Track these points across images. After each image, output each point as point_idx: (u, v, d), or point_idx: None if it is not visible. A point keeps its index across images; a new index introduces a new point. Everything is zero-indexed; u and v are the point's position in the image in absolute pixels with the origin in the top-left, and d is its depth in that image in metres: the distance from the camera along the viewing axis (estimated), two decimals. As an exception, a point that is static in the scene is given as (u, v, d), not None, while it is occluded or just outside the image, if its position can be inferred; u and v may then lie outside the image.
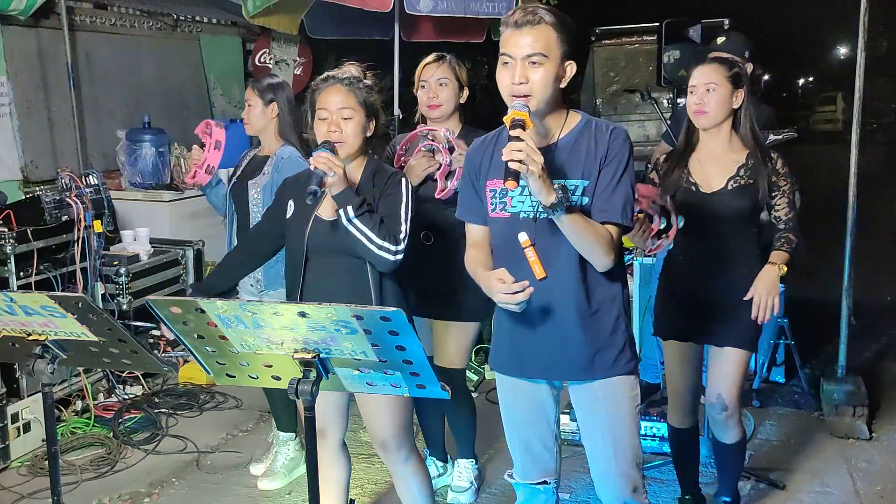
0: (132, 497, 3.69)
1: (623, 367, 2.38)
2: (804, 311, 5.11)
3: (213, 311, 1.90)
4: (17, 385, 4.01)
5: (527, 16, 2.20)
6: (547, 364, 2.39)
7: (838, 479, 3.75)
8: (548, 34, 2.20)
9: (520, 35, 2.20)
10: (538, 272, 2.23)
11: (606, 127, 2.32)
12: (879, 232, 8.19)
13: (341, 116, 2.57)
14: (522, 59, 2.20)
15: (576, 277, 2.30)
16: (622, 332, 2.38)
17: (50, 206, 4.24)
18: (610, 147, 2.26)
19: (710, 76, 2.92)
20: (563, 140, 2.31)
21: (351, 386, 2.05)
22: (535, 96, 2.21)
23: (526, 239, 2.24)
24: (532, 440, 2.51)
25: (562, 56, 2.23)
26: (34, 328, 2.18)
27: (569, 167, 2.27)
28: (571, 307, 2.31)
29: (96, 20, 5.94)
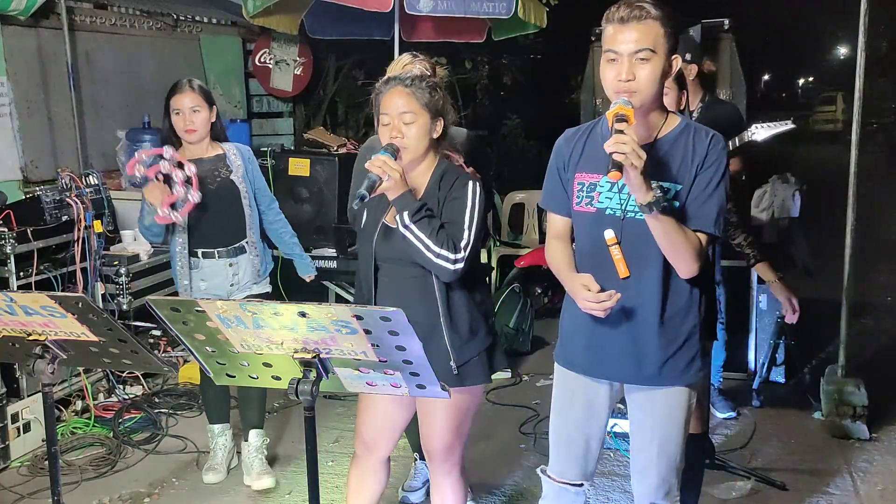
0: (132, 497, 3.69)
1: (689, 378, 2.35)
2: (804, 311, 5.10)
3: (213, 311, 1.89)
4: (17, 385, 4.01)
5: (633, 10, 2.14)
6: (616, 365, 2.35)
7: (838, 479, 3.75)
8: (655, 29, 2.14)
9: (626, 30, 2.14)
10: (622, 271, 2.22)
11: (706, 133, 2.27)
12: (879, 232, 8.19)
13: (403, 121, 2.49)
14: (629, 56, 2.14)
15: (657, 281, 2.26)
16: (695, 343, 2.34)
17: (50, 206, 4.24)
18: (709, 154, 2.22)
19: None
20: (662, 140, 2.26)
21: (351, 386, 2.05)
22: (640, 93, 2.16)
23: (612, 236, 2.22)
24: (578, 440, 2.47)
25: (668, 50, 2.17)
26: (34, 328, 2.18)
27: (664, 169, 2.23)
28: (649, 310, 2.28)
29: (96, 20, 5.94)
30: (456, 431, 2.67)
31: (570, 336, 2.43)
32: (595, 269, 2.28)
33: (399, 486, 3.66)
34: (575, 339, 2.41)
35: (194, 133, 3.48)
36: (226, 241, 3.57)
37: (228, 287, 3.58)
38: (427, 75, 2.64)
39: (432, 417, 2.66)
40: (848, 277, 4.27)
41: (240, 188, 3.55)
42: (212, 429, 3.85)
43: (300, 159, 5.38)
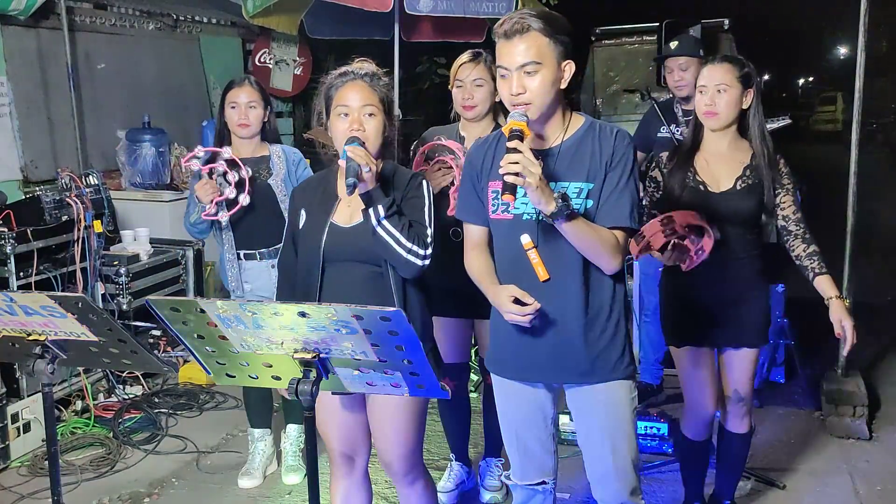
0: (132, 497, 3.69)
1: (623, 371, 2.38)
2: (804, 311, 5.10)
3: (213, 311, 1.89)
4: (17, 385, 4.01)
5: (514, 25, 2.18)
6: (547, 367, 2.37)
7: (838, 479, 3.75)
8: (538, 40, 2.18)
9: (511, 45, 2.19)
10: (541, 274, 2.23)
11: (610, 130, 2.31)
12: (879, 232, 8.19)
13: (364, 113, 2.46)
14: (517, 70, 2.19)
15: (578, 280, 2.28)
16: (622, 336, 2.37)
17: (50, 206, 4.24)
18: (615, 150, 2.26)
19: (720, 76, 2.86)
20: (567, 143, 2.30)
21: (351, 386, 2.05)
22: (534, 104, 2.21)
23: (529, 241, 2.24)
24: (530, 441, 2.49)
25: (557, 58, 2.21)
26: (34, 328, 2.18)
27: (573, 170, 2.27)
28: (573, 310, 2.30)
29: (96, 20, 5.95)
30: (414, 435, 2.61)
31: (500, 343, 2.45)
32: (517, 274, 2.30)
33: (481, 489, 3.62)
34: (505, 346, 2.43)
35: (247, 128, 3.49)
36: (266, 242, 3.51)
37: (273, 289, 3.54)
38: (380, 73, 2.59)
39: (387, 426, 2.58)
40: (848, 277, 4.27)
41: (276, 191, 3.50)
42: (252, 433, 3.83)
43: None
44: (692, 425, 3.15)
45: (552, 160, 2.28)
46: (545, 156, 2.28)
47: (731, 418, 3.13)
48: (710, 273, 2.92)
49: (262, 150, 3.59)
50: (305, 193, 2.65)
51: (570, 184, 2.26)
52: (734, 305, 2.96)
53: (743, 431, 3.15)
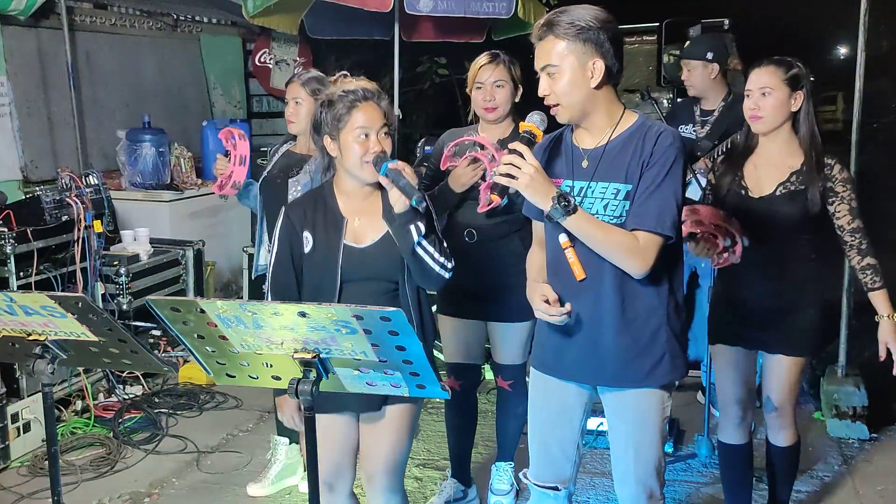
0: (132, 497, 3.69)
1: (656, 380, 2.34)
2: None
3: (213, 311, 1.89)
4: (17, 385, 4.01)
5: (537, 30, 2.24)
6: (579, 366, 2.37)
7: (838, 479, 3.75)
8: (555, 44, 2.20)
9: (537, 50, 2.25)
10: (578, 273, 2.23)
11: (657, 130, 2.25)
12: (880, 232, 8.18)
13: (382, 133, 2.47)
14: (543, 72, 2.25)
15: (614, 282, 2.26)
16: (662, 344, 2.31)
17: (50, 206, 4.24)
18: (654, 151, 2.21)
19: (765, 80, 2.82)
20: (614, 142, 2.28)
21: (351, 386, 2.05)
22: (562, 104, 2.25)
23: (566, 240, 2.24)
24: (552, 442, 2.48)
25: (579, 58, 2.20)
26: (34, 328, 2.18)
27: (615, 170, 2.25)
28: (607, 312, 2.29)
29: (96, 20, 5.94)
30: (401, 454, 2.59)
31: (541, 338, 2.47)
32: (558, 271, 2.33)
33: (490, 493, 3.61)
34: (545, 341, 2.45)
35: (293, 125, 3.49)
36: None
37: None
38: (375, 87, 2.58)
39: (378, 441, 2.56)
40: (848, 277, 4.27)
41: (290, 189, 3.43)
42: (275, 440, 3.79)
43: (300, 159, 5.38)
44: (722, 427, 3.09)
45: (596, 160, 2.27)
46: (593, 154, 2.28)
47: (769, 429, 3.07)
48: (751, 275, 2.89)
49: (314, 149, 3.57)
50: (305, 215, 2.55)
51: (609, 184, 2.25)
52: (775, 309, 2.88)
53: (780, 444, 3.05)
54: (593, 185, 2.26)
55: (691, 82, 4.29)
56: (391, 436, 2.56)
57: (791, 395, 2.98)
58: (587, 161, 2.29)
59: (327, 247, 2.50)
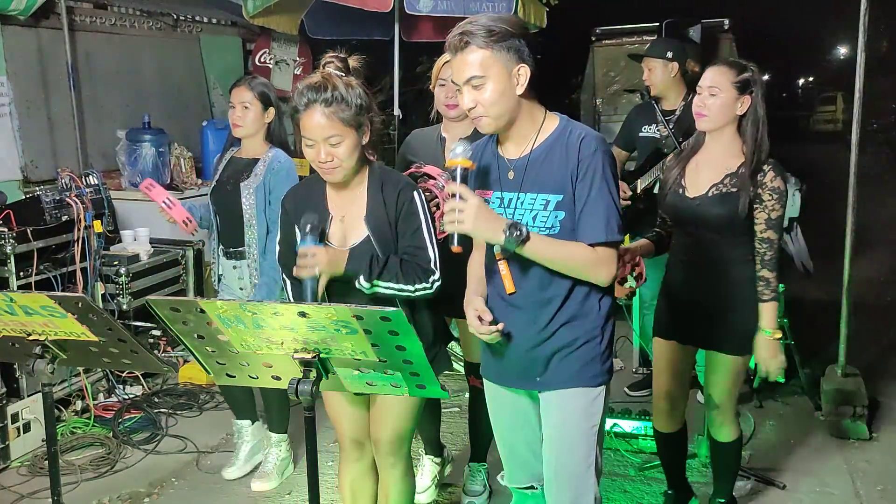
0: (132, 497, 3.69)
1: (583, 383, 2.32)
2: (804, 311, 5.10)
3: (213, 311, 1.89)
4: (17, 385, 4.01)
5: (455, 40, 2.17)
6: (515, 374, 2.38)
7: (838, 479, 3.75)
8: (479, 54, 2.14)
9: (456, 62, 2.19)
10: (508, 286, 2.27)
11: (577, 136, 2.21)
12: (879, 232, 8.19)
13: (329, 143, 2.37)
14: (465, 84, 2.18)
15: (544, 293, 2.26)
16: (593, 347, 2.30)
17: (50, 206, 4.23)
18: (580, 160, 2.18)
19: (714, 79, 2.86)
20: (537, 151, 2.25)
21: (351, 386, 2.05)
22: (489, 116, 2.20)
23: (499, 251, 2.26)
24: (517, 445, 2.49)
25: (505, 66, 2.16)
26: (34, 328, 2.18)
27: (542, 180, 2.23)
28: (537, 320, 2.29)
29: (96, 20, 5.94)
30: (406, 423, 2.65)
31: (484, 347, 2.45)
32: (493, 279, 2.35)
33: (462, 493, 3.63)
34: (485, 349, 2.45)
35: (238, 129, 3.53)
36: (230, 242, 3.60)
37: (238, 290, 3.61)
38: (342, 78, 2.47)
39: (386, 409, 2.62)
40: (848, 277, 4.27)
41: (241, 195, 3.50)
42: (237, 424, 3.88)
43: (300, 159, 5.36)
44: (654, 416, 3.20)
45: (521, 170, 2.25)
46: (518, 164, 2.27)
47: (710, 425, 3.14)
48: (687, 273, 3.00)
49: (260, 152, 3.58)
50: (297, 206, 2.54)
51: (537, 195, 2.23)
52: (709, 308, 2.94)
53: (722, 440, 3.11)
54: (522, 196, 2.25)
55: (652, 81, 4.40)
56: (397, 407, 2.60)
57: (729, 392, 3.04)
58: (513, 172, 2.27)
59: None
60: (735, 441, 3.15)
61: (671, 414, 3.14)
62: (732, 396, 3.06)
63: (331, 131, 2.36)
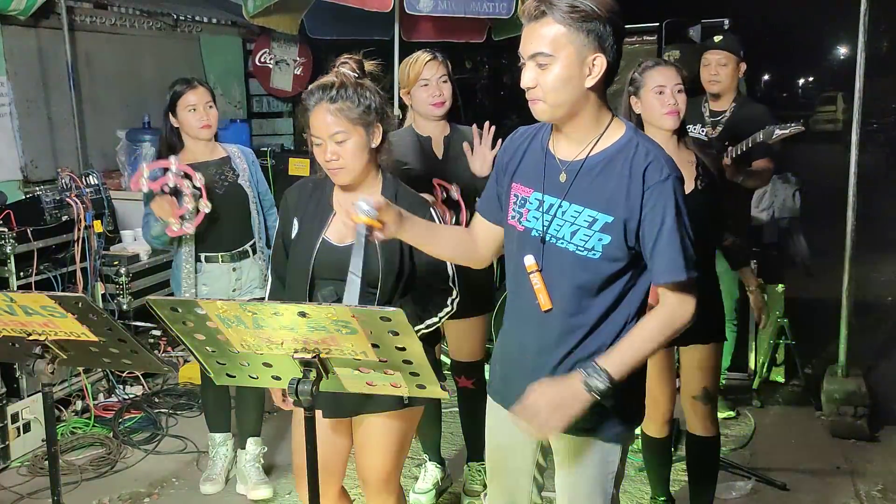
0: (132, 497, 3.69)
1: (603, 433, 2.06)
2: (804, 311, 5.10)
3: (213, 311, 1.89)
4: (17, 385, 4.01)
5: (531, 6, 1.89)
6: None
7: (838, 479, 3.75)
8: (553, 29, 1.86)
9: (526, 32, 1.90)
10: (543, 303, 1.99)
11: (646, 154, 1.92)
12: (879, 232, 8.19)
13: (335, 141, 2.31)
14: (530, 60, 1.90)
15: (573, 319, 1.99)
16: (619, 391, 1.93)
17: (50, 206, 4.23)
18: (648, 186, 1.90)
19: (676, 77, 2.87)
20: (596, 157, 1.97)
21: (351, 386, 2.05)
22: (547, 101, 1.91)
23: (532, 263, 2.00)
24: (503, 471, 2.29)
25: (578, 51, 1.86)
26: (34, 328, 2.17)
27: (593, 194, 1.95)
28: (561, 348, 2.01)
29: (96, 20, 5.94)
30: (396, 458, 2.51)
31: (494, 364, 2.26)
32: (517, 289, 2.08)
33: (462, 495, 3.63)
34: (496, 367, 2.24)
35: (210, 129, 3.45)
36: (231, 245, 3.53)
37: (230, 292, 3.54)
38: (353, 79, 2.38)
39: (371, 446, 2.48)
40: (848, 277, 4.27)
41: (248, 192, 3.51)
42: (213, 437, 3.80)
43: (300, 159, 5.39)
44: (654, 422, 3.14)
45: (572, 176, 1.97)
46: (570, 167, 1.98)
47: (688, 418, 3.11)
48: None
49: (220, 152, 3.56)
50: (300, 200, 2.50)
51: (583, 209, 1.95)
52: None
53: (700, 434, 3.09)
54: (566, 205, 1.97)
55: (720, 77, 4.08)
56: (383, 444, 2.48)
57: (711, 383, 3.03)
58: (565, 175, 1.99)
59: (307, 239, 2.43)
60: (715, 438, 3.12)
61: (669, 417, 3.14)
62: (715, 387, 3.07)
63: (336, 128, 2.31)
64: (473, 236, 2.25)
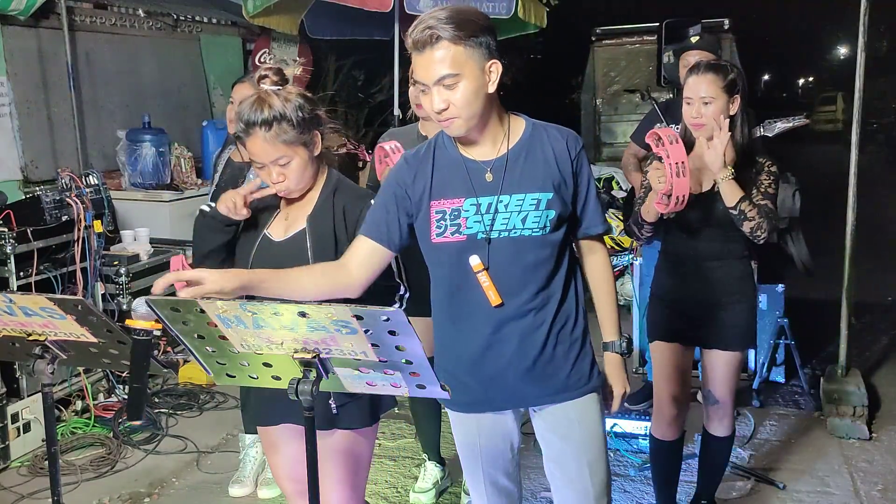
0: (132, 497, 3.69)
1: (595, 382, 2.24)
2: (804, 311, 5.11)
3: (213, 311, 1.89)
4: (17, 385, 4.01)
5: (421, 36, 1.99)
6: (518, 390, 2.19)
7: (838, 479, 3.75)
8: (451, 50, 1.98)
9: (422, 60, 2.02)
10: (493, 298, 2.11)
11: (559, 131, 2.18)
12: (879, 232, 8.19)
13: (277, 164, 2.27)
14: (436, 85, 2.01)
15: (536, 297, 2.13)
16: (589, 343, 2.22)
17: (50, 206, 4.23)
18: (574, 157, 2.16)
19: (706, 89, 2.85)
20: (515, 149, 2.14)
21: (351, 386, 2.05)
22: (461, 117, 2.04)
23: (479, 262, 2.10)
24: (498, 475, 2.32)
25: (477, 63, 2.01)
26: (34, 328, 2.18)
27: (527, 179, 2.12)
28: (537, 327, 2.14)
29: (96, 20, 5.94)
30: (350, 482, 2.42)
31: (454, 377, 2.20)
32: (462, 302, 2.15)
33: (400, 487, 3.66)
34: (460, 379, 2.19)
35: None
36: None
37: None
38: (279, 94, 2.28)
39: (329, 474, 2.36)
40: (848, 277, 4.27)
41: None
42: (242, 438, 3.78)
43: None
44: (656, 424, 3.16)
45: (500, 171, 2.11)
46: (494, 166, 2.12)
47: (709, 419, 3.14)
48: (686, 272, 2.98)
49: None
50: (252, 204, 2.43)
51: (525, 195, 2.10)
52: (710, 306, 2.95)
53: (720, 434, 3.13)
54: (504, 198, 2.10)
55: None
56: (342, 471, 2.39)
57: (731, 388, 3.06)
58: (491, 174, 2.11)
59: (248, 236, 2.41)
60: (730, 437, 3.16)
61: (675, 420, 3.11)
62: (733, 391, 3.08)
63: (276, 154, 2.26)
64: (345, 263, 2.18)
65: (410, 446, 4.08)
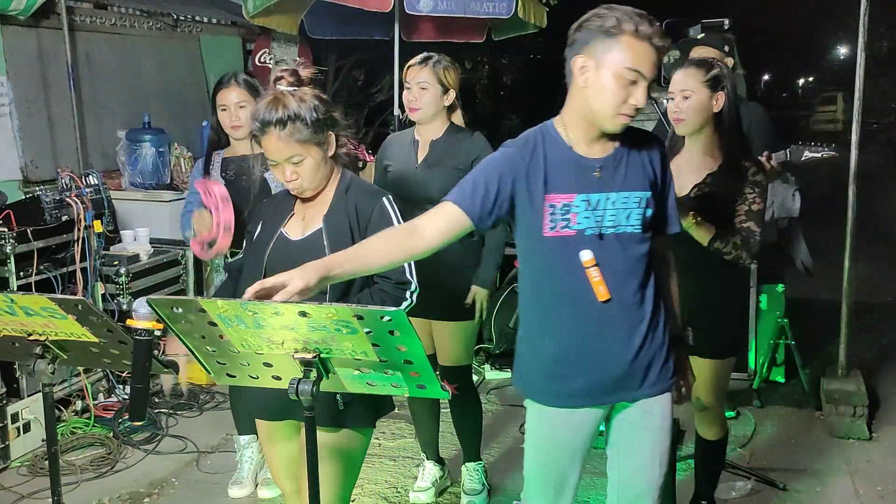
0: (132, 497, 3.69)
1: (671, 381, 2.31)
2: (804, 311, 5.11)
3: (213, 310, 1.89)
4: (17, 385, 4.01)
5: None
6: (621, 385, 2.23)
7: (838, 479, 3.75)
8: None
9: (653, 52, 2.38)
10: (601, 293, 2.14)
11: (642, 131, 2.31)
12: (879, 232, 8.20)
13: (291, 163, 2.33)
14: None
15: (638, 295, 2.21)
16: (668, 343, 2.30)
17: (50, 206, 4.23)
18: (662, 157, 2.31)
19: (685, 82, 2.82)
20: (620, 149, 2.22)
21: (351, 386, 2.05)
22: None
23: (590, 258, 2.14)
24: (571, 475, 2.32)
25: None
26: (34, 328, 2.18)
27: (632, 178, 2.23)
28: (636, 324, 2.21)
29: (96, 20, 5.94)
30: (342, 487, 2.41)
31: (549, 369, 2.24)
32: (574, 296, 2.18)
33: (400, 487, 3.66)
34: (566, 371, 2.23)
35: (240, 129, 3.43)
36: None
37: None
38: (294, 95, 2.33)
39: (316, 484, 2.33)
40: (848, 277, 4.27)
41: (270, 184, 3.42)
42: (237, 439, 3.78)
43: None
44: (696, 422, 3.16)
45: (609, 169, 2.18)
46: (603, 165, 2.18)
47: (699, 425, 3.14)
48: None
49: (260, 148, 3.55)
50: (268, 206, 2.55)
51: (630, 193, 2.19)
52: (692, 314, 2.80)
53: (711, 438, 3.12)
54: (612, 195, 2.17)
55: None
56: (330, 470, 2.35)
57: (718, 394, 3.04)
58: (600, 171, 2.17)
59: (265, 235, 2.44)
60: (722, 440, 3.15)
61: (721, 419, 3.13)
62: (720, 397, 3.07)
63: (289, 152, 2.32)
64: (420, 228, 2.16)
65: (410, 446, 4.08)
